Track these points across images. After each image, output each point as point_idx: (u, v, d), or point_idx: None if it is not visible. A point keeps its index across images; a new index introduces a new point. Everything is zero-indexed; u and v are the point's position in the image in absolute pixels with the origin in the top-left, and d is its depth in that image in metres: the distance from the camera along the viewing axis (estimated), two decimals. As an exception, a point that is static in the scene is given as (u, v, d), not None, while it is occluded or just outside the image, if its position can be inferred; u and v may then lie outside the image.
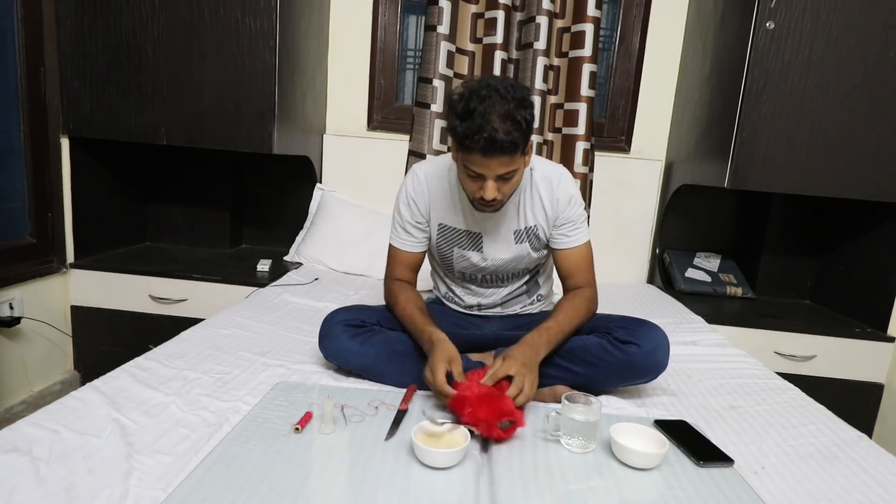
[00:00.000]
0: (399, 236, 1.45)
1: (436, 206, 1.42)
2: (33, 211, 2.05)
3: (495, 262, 1.43)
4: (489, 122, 1.12)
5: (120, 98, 2.07)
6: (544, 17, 2.30)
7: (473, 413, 1.07)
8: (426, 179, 1.42)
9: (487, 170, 1.18)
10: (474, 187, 1.24)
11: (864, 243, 2.23)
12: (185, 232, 2.60)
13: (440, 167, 1.44)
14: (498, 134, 1.12)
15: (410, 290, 1.42)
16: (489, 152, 1.15)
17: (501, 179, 1.21)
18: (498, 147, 1.14)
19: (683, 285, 2.42)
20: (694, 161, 2.26)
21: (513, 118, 1.14)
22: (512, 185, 1.24)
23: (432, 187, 1.42)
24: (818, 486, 1.02)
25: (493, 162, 1.17)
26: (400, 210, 1.44)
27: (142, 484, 0.88)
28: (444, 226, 1.43)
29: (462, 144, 1.17)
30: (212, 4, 1.99)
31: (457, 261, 1.45)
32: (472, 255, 1.43)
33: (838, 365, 2.07)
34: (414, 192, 1.42)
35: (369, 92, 2.58)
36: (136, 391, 1.18)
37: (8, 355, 1.93)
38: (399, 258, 1.46)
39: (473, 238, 1.42)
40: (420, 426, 1.03)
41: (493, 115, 1.13)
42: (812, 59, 1.89)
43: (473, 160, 1.18)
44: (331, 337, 1.33)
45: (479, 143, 1.14)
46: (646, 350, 1.26)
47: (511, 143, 1.14)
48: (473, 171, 1.21)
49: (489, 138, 1.12)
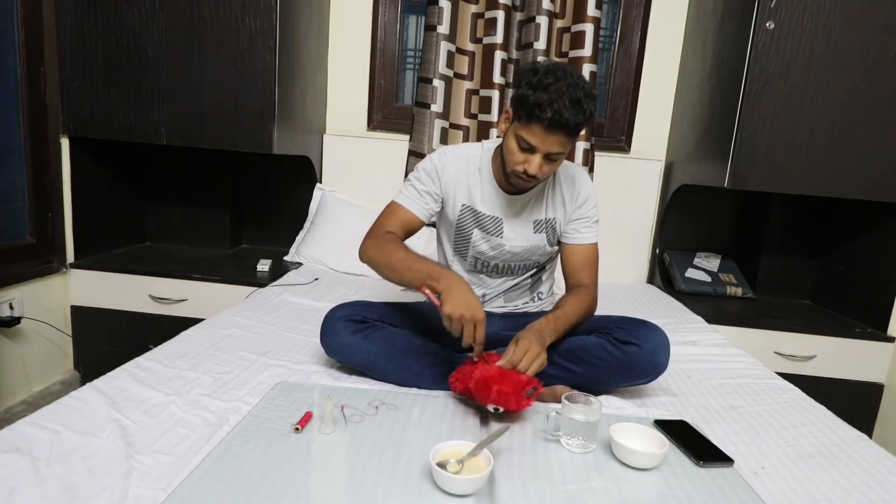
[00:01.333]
0: (408, 195, 1.44)
1: (459, 188, 1.44)
2: (33, 211, 2.05)
3: (512, 250, 1.45)
4: (561, 99, 1.17)
5: (120, 98, 2.07)
6: (544, 17, 2.30)
7: (501, 390, 1.11)
8: (453, 160, 1.45)
9: (542, 144, 1.22)
10: (520, 159, 1.26)
11: (864, 243, 2.23)
12: (185, 232, 2.60)
13: (470, 151, 1.47)
14: (566, 113, 1.17)
15: (400, 240, 1.37)
16: (552, 128, 1.19)
17: (548, 159, 1.25)
18: (562, 125, 1.19)
19: (683, 285, 2.42)
20: (694, 161, 2.26)
21: (580, 104, 1.19)
22: (552, 168, 1.29)
23: (458, 169, 1.44)
24: (818, 486, 1.02)
25: (550, 138, 1.21)
26: (419, 175, 1.45)
27: (142, 484, 0.88)
28: (468, 207, 1.44)
29: (529, 113, 1.20)
30: (212, 4, 1.99)
31: (474, 244, 1.46)
32: (491, 239, 1.44)
33: (838, 365, 2.07)
34: (440, 165, 1.44)
35: (369, 92, 2.58)
36: (136, 391, 1.18)
37: (8, 355, 1.93)
38: (398, 216, 1.42)
39: (494, 223, 1.44)
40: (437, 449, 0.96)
41: (565, 94, 1.17)
42: (812, 59, 1.89)
43: (533, 131, 1.21)
44: (333, 332, 1.33)
45: (547, 115, 1.18)
46: (646, 350, 1.26)
47: (574, 126, 1.20)
48: (526, 143, 1.24)
49: (557, 114, 1.17)
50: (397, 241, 1.36)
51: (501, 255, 1.46)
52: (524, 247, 1.45)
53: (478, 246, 1.46)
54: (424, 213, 1.44)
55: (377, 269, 1.36)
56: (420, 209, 1.43)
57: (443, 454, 0.95)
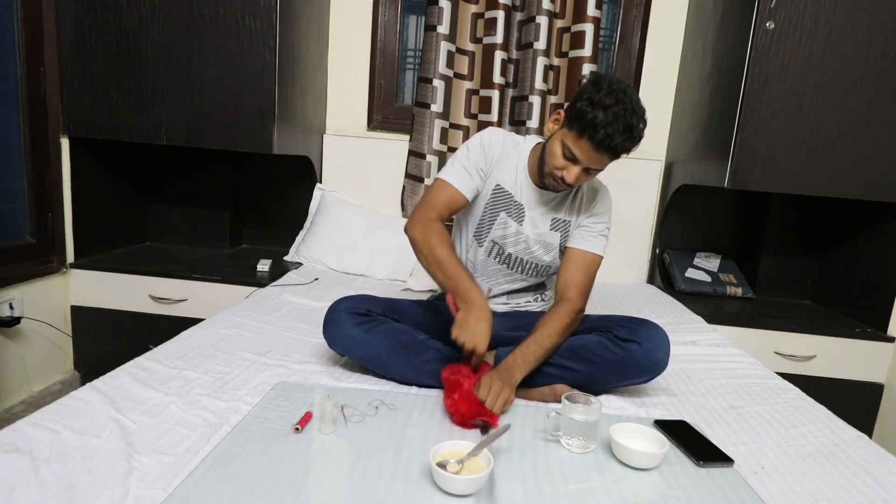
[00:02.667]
0: (456, 171, 1.43)
1: (501, 168, 1.45)
2: (33, 211, 2.04)
3: (528, 240, 1.46)
4: (616, 123, 1.19)
5: (120, 98, 2.07)
6: (544, 17, 2.30)
7: (457, 403, 1.15)
8: (502, 140, 1.46)
9: (586, 160, 1.26)
10: (561, 164, 1.29)
11: (864, 243, 2.23)
12: (185, 232, 2.60)
13: (514, 139, 1.49)
14: (617, 139, 1.20)
15: (449, 238, 1.37)
16: (600, 148, 1.22)
17: (586, 171, 1.29)
18: (610, 149, 1.22)
19: (683, 285, 2.42)
20: (694, 161, 2.26)
21: (632, 131, 1.21)
22: (587, 179, 1.35)
23: (506, 150, 1.46)
24: (818, 486, 1.02)
25: (596, 156, 1.25)
26: (470, 149, 1.44)
27: (142, 484, 0.88)
28: (500, 188, 1.45)
29: (582, 128, 1.22)
30: (212, 4, 1.99)
31: (497, 225, 1.46)
32: (513, 224, 1.46)
33: (838, 365, 2.07)
34: (489, 141, 1.45)
35: (369, 92, 2.58)
36: (136, 391, 1.18)
37: (8, 355, 1.93)
38: (445, 195, 1.41)
39: (519, 209, 1.45)
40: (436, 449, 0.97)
41: (620, 119, 1.19)
42: (812, 59, 1.89)
43: (581, 146, 1.24)
44: (336, 324, 1.32)
45: (598, 136, 1.20)
46: (646, 348, 1.27)
47: (621, 152, 1.24)
48: (571, 154, 1.27)
49: (609, 138, 1.20)
50: (444, 235, 1.36)
51: (518, 244, 1.47)
52: (539, 240, 1.46)
53: (499, 230, 1.46)
54: (470, 191, 1.43)
55: (416, 251, 1.37)
56: (467, 187, 1.42)
57: (443, 454, 0.95)
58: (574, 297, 1.38)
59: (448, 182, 1.42)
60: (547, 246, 1.47)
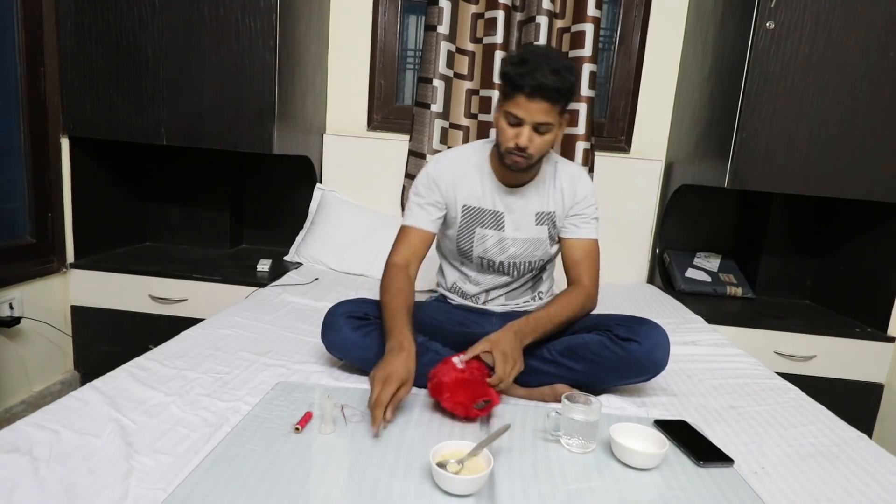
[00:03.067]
0: (413, 214, 1.46)
1: (460, 189, 1.46)
2: (33, 211, 2.04)
3: (515, 244, 1.46)
4: (540, 68, 1.22)
5: (120, 98, 2.07)
6: (544, 17, 2.30)
7: (452, 397, 1.14)
8: (449, 163, 1.48)
9: (527, 114, 1.26)
10: (511, 134, 1.30)
11: (864, 243, 2.23)
12: (185, 232, 2.60)
13: (464, 152, 1.50)
14: (546, 80, 1.22)
15: (405, 283, 1.37)
16: (534, 95, 1.24)
17: (536, 131, 1.29)
18: (543, 91, 1.23)
19: (683, 285, 2.42)
20: (694, 161, 2.26)
21: (560, 74, 1.24)
22: (544, 143, 1.31)
23: (456, 171, 1.46)
24: (818, 486, 1.02)
25: (533, 106, 1.25)
26: (418, 190, 1.47)
27: (142, 484, 0.88)
28: (468, 206, 1.46)
29: (512, 85, 1.26)
30: (212, 4, 1.99)
31: (477, 242, 1.47)
32: (493, 233, 1.46)
33: (838, 365, 2.07)
34: (436, 174, 1.46)
35: (369, 92, 2.58)
36: (136, 391, 1.18)
37: (8, 355, 1.93)
38: (408, 237, 1.45)
39: (496, 217, 1.46)
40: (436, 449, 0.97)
41: (544, 65, 1.23)
42: (812, 59, 1.89)
43: (517, 102, 1.26)
44: (334, 328, 1.33)
45: (528, 83, 1.23)
46: (646, 347, 1.27)
47: (555, 91, 1.24)
48: (514, 117, 1.28)
49: (537, 81, 1.22)
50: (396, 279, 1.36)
51: (505, 251, 1.47)
52: (527, 239, 1.47)
53: (482, 244, 1.47)
54: (433, 224, 1.47)
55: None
56: (425, 221, 1.45)
57: (443, 454, 0.95)
58: (588, 284, 1.43)
59: (409, 226, 1.46)
60: (536, 242, 1.48)
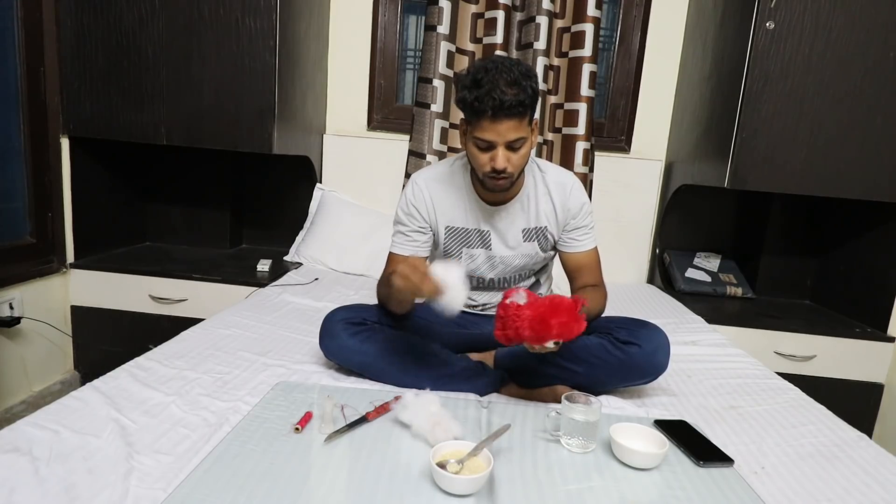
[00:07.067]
0: (399, 242, 1.44)
1: (441, 210, 1.42)
2: (33, 211, 2.04)
3: (504, 261, 1.44)
4: (496, 86, 1.16)
5: (120, 98, 2.07)
6: (544, 17, 2.30)
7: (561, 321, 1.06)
8: (426, 185, 1.43)
9: (497, 135, 1.20)
10: (485, 159, 1.25)
11: (864, 243, 2.23)
12: (185, 232, 2.60)
13: (441, 172, 1.44)
14: (506, 96, 1.16)
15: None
16: (497, 115, 1.18)
17: (511, 149, 1.23)
18: (506, 109, 1.17)
19: (683, 285, 2.42)
20: (694, 161, 2.26)
21: (518, 83, 1.17)
22: (521, 157, 1.25)
23: (434, 192, 1.42)
24: (818, 486, 1.02)
25: (501, 126, 1.19)
26: (400, 219, 1.44)
27: (142, 484, 0.88)
28: (452, 227, 1.43)
29: (472, 111, 1.20)
30: (212, 4, 1.99)
31: (466, 262, 1.45)
32: (481, 252, 1.43)
33: (838, 365, 2.07)
34: (414, 199, 1.42)
35: (369, 92, 2.58)
36: (136, 391, 1.18)
37: (8, 355, 1.93)
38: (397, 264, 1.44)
39: (482, 236, 1.42)
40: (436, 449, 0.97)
41: (499, 80, 1.16)
42: (812, 59, 1.89)
43: (483, 127, 1.20)
44: (332, 335, 1.33)
45: (489, 105, 1.16)
46: (647, 351, 1.27)
47: (518, 105, 1.17)
48: (483, 141, 1.22)
49: (497, 100, 1.16)
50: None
51: (495, 268, 1.45)
52: (516, 255, 1.44)
53: (469, 263, 1.45)
54: (422, 248, 1.44)
55: (383, 304, 1.39)
56: (413, 248, 1.43)
57: (443, 454, 0.95)
58: (602, 287, 1.44)
59: (395, 253, 1.44)
60: (525, 256, 1.44)
